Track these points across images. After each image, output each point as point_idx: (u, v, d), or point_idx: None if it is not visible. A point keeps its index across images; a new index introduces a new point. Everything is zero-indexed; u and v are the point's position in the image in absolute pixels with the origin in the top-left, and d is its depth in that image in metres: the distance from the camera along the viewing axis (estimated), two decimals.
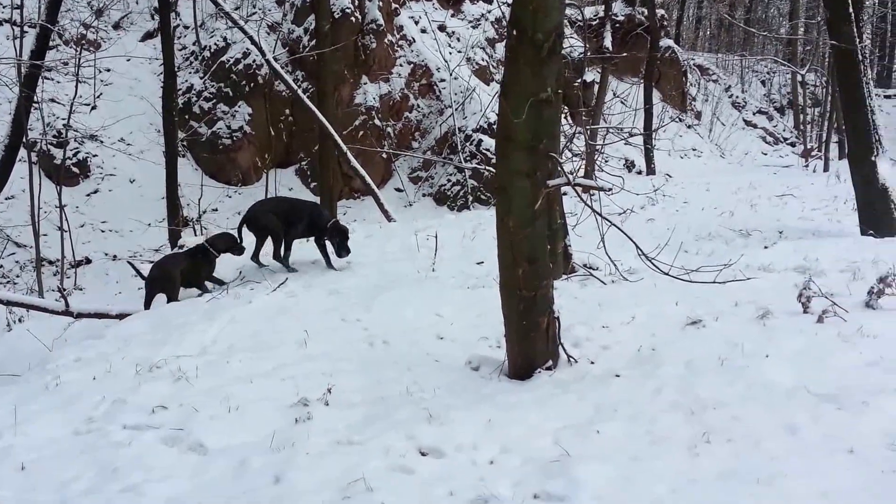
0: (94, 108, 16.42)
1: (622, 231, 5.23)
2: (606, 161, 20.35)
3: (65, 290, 7.81)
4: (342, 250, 7.79)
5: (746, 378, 4.29)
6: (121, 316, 7.08)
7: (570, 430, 3.80)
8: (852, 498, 3.00)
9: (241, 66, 16.23)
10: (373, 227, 11.47)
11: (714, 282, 4.96)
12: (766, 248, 8.57)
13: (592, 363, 4.92)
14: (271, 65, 12.56)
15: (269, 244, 8.01)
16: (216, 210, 15.29)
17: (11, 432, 4.03)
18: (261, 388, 4.56)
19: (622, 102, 21.75)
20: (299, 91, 13.07)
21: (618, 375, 4.64)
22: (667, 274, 5.07)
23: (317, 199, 13.76)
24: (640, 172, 18.90)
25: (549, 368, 4.76)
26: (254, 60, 16.06)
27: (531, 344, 4.73)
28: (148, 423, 4.12)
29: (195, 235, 11.09)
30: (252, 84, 16.26)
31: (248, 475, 3.54)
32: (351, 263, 8.22)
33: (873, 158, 9.16)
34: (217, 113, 16.16)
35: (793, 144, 22.49)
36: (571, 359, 4.91)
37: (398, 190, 16.57)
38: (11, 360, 6.65)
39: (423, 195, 16.48)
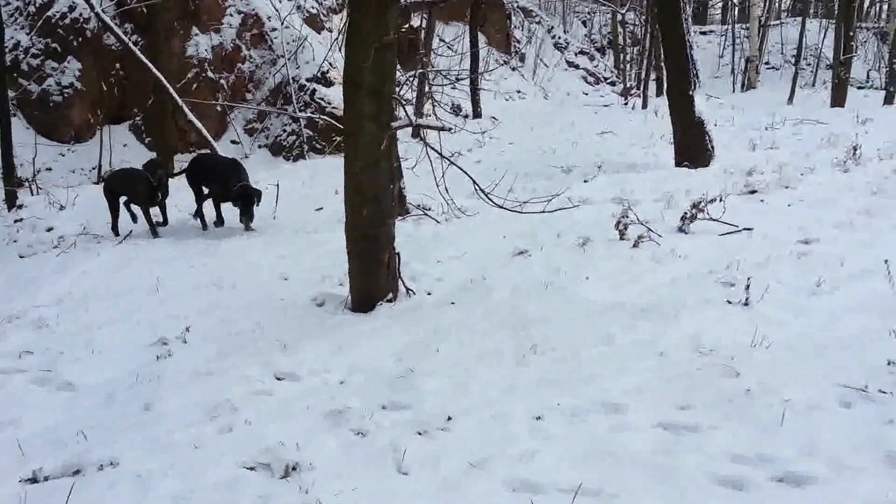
0: None
1: (462, 170, 5.32)
2: (434, 106, 20.42)
3: None
4: (243, 215, 7.39)
5: (568, 298, 4.50)
6: None
7: (412, 351, 3.96)
8: (672, 393, 3.20)
9: (67, 21, 15.45)
10: None
11: (543, 211, 5.08)
12: (585, 181, 8.93)
13: (429, 294, 5.11)
14: (100, 17, 12.12)
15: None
16: (50, 169, 14.21)
17: None
18: (120, 331, 4.71)
19: (449, 48, 21.77)
20: (130, 44, 12.49)
21: (452, 303, 4.80)
22: (501, 207, 5.15)
23: (153, 155, 13.18)
24: (466, 116, 19.06)
25: (389, 301, 4.91)
26: (80, 14, 15.25)
27: (374, 279, 4.88)
28: (16, 367, 4.28)
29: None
30: (80, 38, 15.60)
31: (118, 405, 3.69)
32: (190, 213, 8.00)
33: (691, 93, 9.59)
34: (46, 69, 15.45)
35: (613, 84, 23.64)
36: (410, 291, 5.07)
37: (234, 142, 16.08)
38: None
39: (259, 146, 16.18)
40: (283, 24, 16.35)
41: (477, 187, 5.03)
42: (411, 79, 16.03)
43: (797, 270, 4.57)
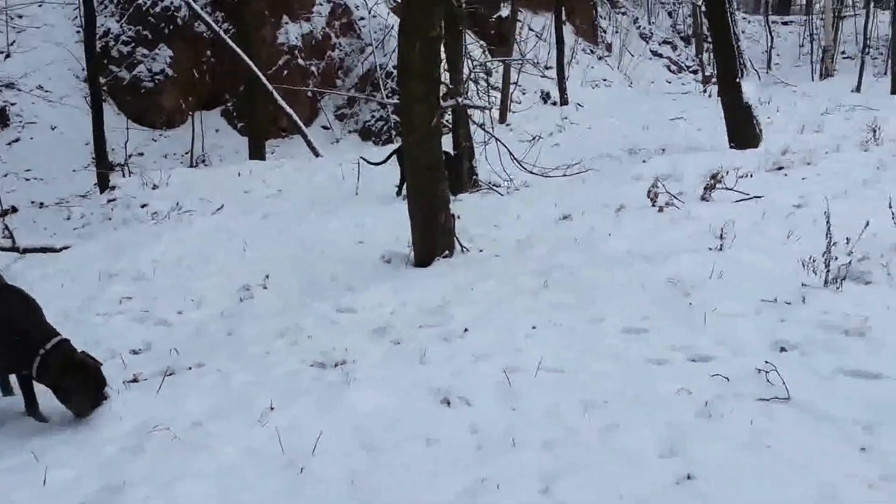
0: (7, 56, 16.26)
1: (502, 143, 6.42)
2: (524, 93, 21.39)
3: (7, 227, 8.32)
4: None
5: (591, 250, 5.53)
6: (65, 249, 7.76)
7: (453, 290, 5.00)
8: (641, 309, 4.25)
9: (158, 9, 16.19)
10: (302, 161, 12.35)
11: (564, 175, 6.10)
12: (644, 161, 9.80)
13: (481, 251, 6.13)
14: (191, 6, 12.65)
15: None
16: (142, 154, 15.51)
17: None
18: (210, 283, 5.54)
19: (537, 36, 22.68)
20: (221, 32, 13.24)
21: (497, 256, 5.88)
22: (531, 172, 6.22)
23: (244, 140, 14.15)
24: (554, 103, 19.93)
25: (446, 257, 5.91)
26: (171, 2, 16.07)
27: (431, 237, 5.84)
28: (118, 310, 5.07)
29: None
30: (171, 26, 16.20)
31: (205, 334, 4.65)
32: (281, 191, 9.24)
33: (738, 80, 10.42)
34: (137, 56, 16.13)
35: (694, 72, 23.92)
36: (465, 248, 6.09)
37: (325, 128, 17.00)
38: None
39: (349, 132, 17.02)
40: (370, 12, 17.14)
41: (513, 157, 6.11)
42: (497, 67, 16.87)
43: (778, 226, 5.47)
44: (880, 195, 5.86)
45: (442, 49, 5.82)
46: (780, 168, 8.07)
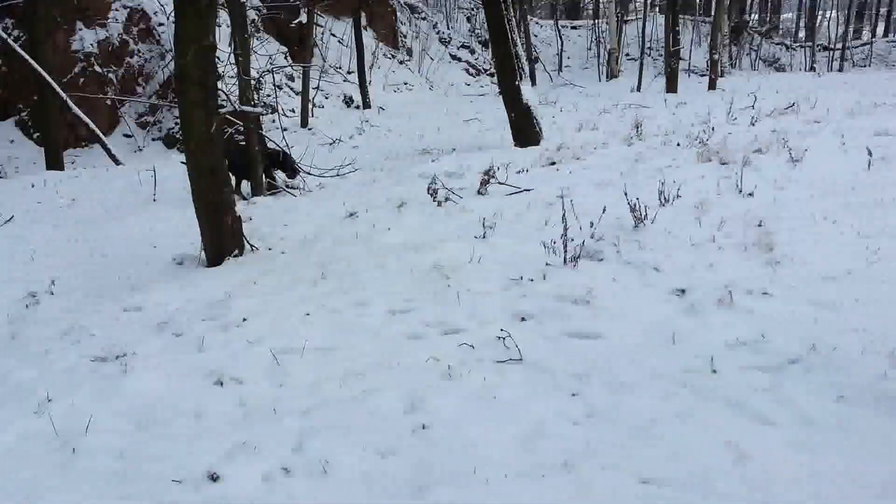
0: None
1: (279, 147, 6.59)
2: (327, 97, 21.55)
3: None
4: None
5: (370, 243, 5.87)
6: None
7: (237, 285, 5.19)
8: (406, 293, 4.64)
9: None
10: (100, 170, 11.82)
11: (337, 175, 6.42)
12: (432, 161, 10.37)
13: (270, 249, 6.33)
14: None
15: None
16: None
17: None
18: None
19: (340, 42, 22.91)
20: (10, 40, 12.40)
21: (283, 252, 6.09)
22: (309, 173, 6.46)
23: (42, 150, 13.38)
24: (357, 107, 20.30)
25: (236, 256, 6.06)
26: None
27: (219, 238, 5.99)
28: None
29: None
30: None
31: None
32: (75, 200, 8.82)
33: (517, 83, 11.24)
34: None
35: (492, 75, 25.37)
36: (254, 247, 6.26)
37: (127, 136, 16.32)
38: None
39: (153, 140, 16.50)
40: (168, 18, 16.65)
41: (286, 158, 6.33)
42: (297, 72, 16.83)
43: (539, 215, 6.14)
44: (632, 185, 6.77)
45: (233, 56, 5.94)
46: (553, 163, 8.92)
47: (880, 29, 35.99)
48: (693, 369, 3.37)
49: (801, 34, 34.03)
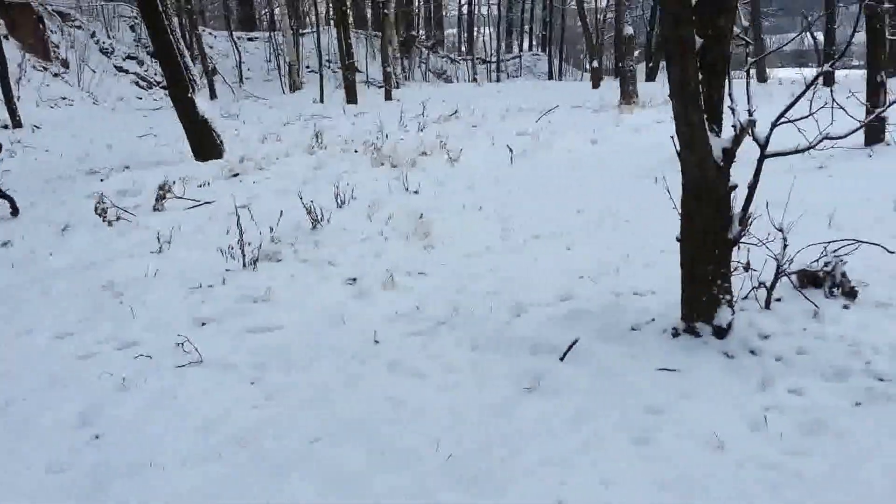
0: None
1: None
2: None
3: None
4: None
5: (30, 270, 5.42)
6: None
7: None
8: (76, 314, 4.39)
9: None
10: None
11: None
12: (101, 180, 9.67)
13: None
14: None
15: None
16: None
17: None
18: None
19: None
20: None
21: None
22: None
23: None
24: (6, 126, 17.84)
25: None
26: None
27: None
28: None
29: None
30: None
31: None
32: None
33: (190, 96, 10.95)
34: None
35: (166, 88, 24.09)
36: None
37: None
38: None
39: None
40: None
41: None
42: None
43: (221, 225, 6.24)
44: (313, 190, 7.12)
45: None
46: (236, 175, 8.95)
47: (527, 44, 41.71)
48: (360, 343, 3.81)
49: (464, 48, 37.95)
